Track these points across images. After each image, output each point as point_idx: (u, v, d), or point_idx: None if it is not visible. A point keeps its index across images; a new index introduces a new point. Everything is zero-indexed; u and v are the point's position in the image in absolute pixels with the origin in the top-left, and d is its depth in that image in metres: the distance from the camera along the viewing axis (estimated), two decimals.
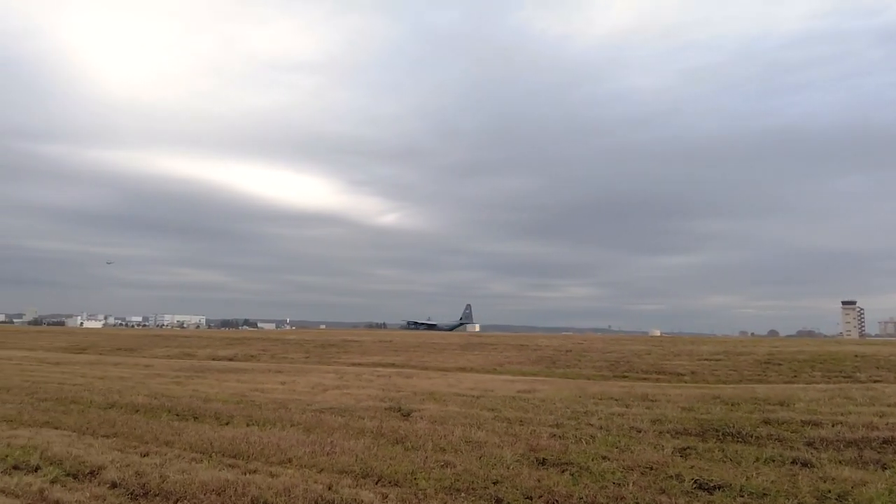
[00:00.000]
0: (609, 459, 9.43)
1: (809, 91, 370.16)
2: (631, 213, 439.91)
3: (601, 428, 12.52)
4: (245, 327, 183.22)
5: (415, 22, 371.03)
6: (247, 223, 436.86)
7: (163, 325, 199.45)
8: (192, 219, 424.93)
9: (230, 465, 8.50)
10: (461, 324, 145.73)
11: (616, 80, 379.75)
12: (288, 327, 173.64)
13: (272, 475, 7.94)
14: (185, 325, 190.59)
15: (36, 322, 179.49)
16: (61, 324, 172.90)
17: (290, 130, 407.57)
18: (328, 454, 9.14)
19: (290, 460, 8.83)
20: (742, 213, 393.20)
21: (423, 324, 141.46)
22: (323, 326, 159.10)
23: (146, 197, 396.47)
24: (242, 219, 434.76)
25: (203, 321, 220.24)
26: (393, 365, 32.57)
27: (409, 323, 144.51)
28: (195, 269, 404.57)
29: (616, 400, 17.26)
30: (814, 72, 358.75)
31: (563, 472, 8.67)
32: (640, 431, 12.29)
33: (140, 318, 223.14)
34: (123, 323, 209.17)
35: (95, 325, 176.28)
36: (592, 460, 9.29)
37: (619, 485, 8.09)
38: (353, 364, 33.35)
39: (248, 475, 7.93)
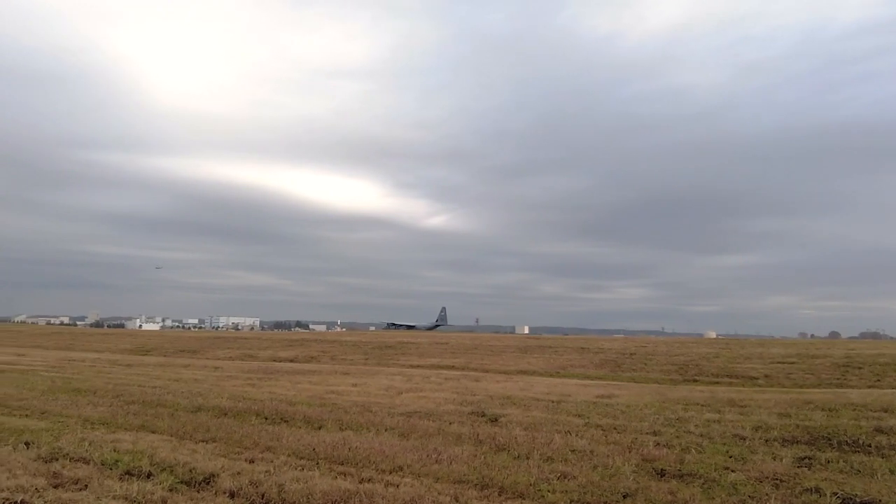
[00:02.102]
0: (732, 470, 8.85)
1: (872, 83, 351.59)
2: (684, 212, 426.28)
3: (702, 436, 11.96)
4: (297, 329, 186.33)
5: (461, 24, 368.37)
6: (297, 227, 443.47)
7: (218, 326, 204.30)
8: (245, 223, 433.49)
9: (342, 473, 8.25)
10: (437, 325, 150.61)
11: (668, 77, 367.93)
12: (338, 329, 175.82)
13: (389, 484, 7.65)
14: (239, 327, 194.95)
15: (98, 324, 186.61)
16: (121, 326, 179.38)
17: (339, 136, 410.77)
18: (437, 462, 8.83)
19: (400, 468, 8.55)
20: (800, 210, 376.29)
21: (402, 325, 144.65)
22: (372, 328, 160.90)
23: (200, 202, 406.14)
24: (293, 223, 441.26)
25: (257, 323, 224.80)
26: (453, 367, 32.33)
27: (388, 324, 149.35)
28: (248, 272, 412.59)
29: (703, 406, 16.60)
30: (876, 63, 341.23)
31: (687, 484, 8.14)
32: (743, 439, 11.69)
33: (196, 321, 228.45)
34: (180, 325, 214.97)
35: (154, 327, 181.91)
36: (716, 471, 8.73)
37: (757, 499, 7.52)
38: (414, 366, 33.25)
39: (364, 484, 7.67)
